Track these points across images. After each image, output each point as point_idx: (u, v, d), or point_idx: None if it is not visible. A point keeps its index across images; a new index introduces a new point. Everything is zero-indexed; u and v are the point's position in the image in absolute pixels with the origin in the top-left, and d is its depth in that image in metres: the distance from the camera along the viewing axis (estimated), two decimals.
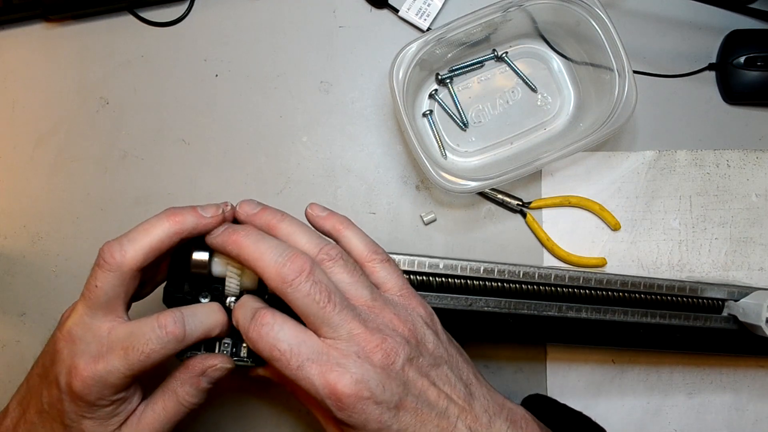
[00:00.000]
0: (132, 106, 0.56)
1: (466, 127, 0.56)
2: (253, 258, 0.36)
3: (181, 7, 0.57)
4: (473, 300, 0.44)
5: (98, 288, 0.36)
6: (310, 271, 0.35)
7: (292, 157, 0.56)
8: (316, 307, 0.34)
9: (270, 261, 0.35)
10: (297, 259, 0.35)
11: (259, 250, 0.36)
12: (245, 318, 0.36)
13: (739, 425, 0.56)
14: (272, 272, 0.35)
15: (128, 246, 0.36)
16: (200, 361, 0.38)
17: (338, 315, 0.35)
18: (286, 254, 0.35)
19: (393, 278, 0.39)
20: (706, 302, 0.50)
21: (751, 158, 0.57)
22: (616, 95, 0.50)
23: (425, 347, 0.37)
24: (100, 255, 0.36)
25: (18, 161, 0.55)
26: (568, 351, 0.55)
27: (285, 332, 0.35)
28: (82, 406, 0.36)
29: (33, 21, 0.56)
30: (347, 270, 0.37)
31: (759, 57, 0.55)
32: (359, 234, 0.41)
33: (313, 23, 0.57)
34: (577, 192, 0.56)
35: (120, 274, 0.36)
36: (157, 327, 0.35)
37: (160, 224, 0.37)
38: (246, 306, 0.37)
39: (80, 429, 0.37)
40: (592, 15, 0.51)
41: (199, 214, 0.38)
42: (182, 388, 0.38)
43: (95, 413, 0.36)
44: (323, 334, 0.35)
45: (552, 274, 0.46)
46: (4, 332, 0.54)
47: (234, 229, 0.37)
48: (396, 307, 0.38)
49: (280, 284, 0.35)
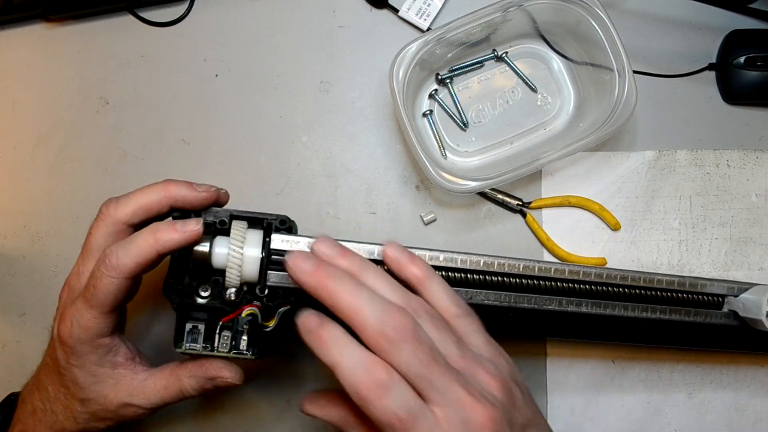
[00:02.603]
0: (132, 106, 0.56)
1: (466, 127, 0.56)
2: (350, 311, 0.34)
3: (181, 7, 0.57)
4: (473, 293, 0.44)
5: (92, 236, 0.40)
6: (414, 329, 0.33)
7: (292, 157, 0.56)
8: (421, 367, 0.33)
9: (370, 316, 0.33)
10: (399, 316, 0.34)
11: (357, 303, 0.34)
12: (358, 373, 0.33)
13: (739, 425, 0.56)
14: (373, 329, 0.33)
15: (123, 201, 0.40)
16: (216, 368, 0.41)
17: (443, 377, 0.33)
18: (387, 311, 0.34)
19: (477, 333, 0.39)
20: (706, 298, 0.50)
21: (751, 158, 0.57)
22: (616, 95, 0.50)
23: (517, 408, 0.36)
24: (100, 209, 0.41)
25: (18, 161, 0.55)
26: (568, 349, 0.55)
27: (404, 396, 0.33)
28: (68, 351, 0.39)
29: (33, 21, 0.56)
30: (435, 326, 0.36)
31: (759, 57, 0.55)
32: (443, 286, 0.40)
33: (313, 23, 0.57)
34: (577, 192, 0.56)
35: (112, 224, 0.40)
36: (99, 263, 0.38)
37: (155, 188, 0.41)
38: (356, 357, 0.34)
39: (73, 378, 0.40)
40: (592, 15, 0.51)
41: (191, 187, 0.41)
42: (188, 380, 0.41)
43: (79, 360, 0.39)
44: (429, 397, 0.33)
45: (552, 268, 0.46)
46: (4, 332, 0.54)
47: (327, 271, 0.35)
48: (485, 363, 0.37)
49: (382, 342, 0.33)
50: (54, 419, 0.41)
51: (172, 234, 0.38)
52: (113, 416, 0.41)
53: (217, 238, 0.41)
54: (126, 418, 0.42)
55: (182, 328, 0.41)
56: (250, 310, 0.40)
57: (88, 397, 0.40)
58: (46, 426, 0.42)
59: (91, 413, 0.41)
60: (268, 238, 0.41)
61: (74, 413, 0.41)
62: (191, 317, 0.41)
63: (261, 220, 0.42)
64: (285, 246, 0.42)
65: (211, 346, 0.41)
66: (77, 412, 0.41)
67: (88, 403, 0.41)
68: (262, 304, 0.41)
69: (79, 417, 0.41)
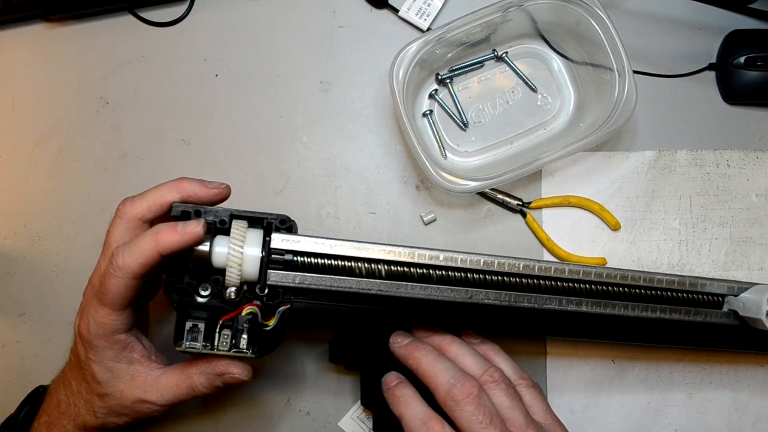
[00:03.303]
0: (132, 106, 0.56)
1: (466, 127, 0.56)
2: (429, 374, 0.42)
3: (181, 7, 0.57)
4: (473, 293, 0.44)
5: (110, 234, 0.42)
6: (477, 394, 0.40)
7: (292, 157, 0.56)
8: (479, 426, 0.39)
9: (443, 380, 0.41)
10: (467, 382, 0.41)
11: (434, 369, 0.42)
12: (417, 424, 0.41)
13: (739, 425, 0.56)
14: (444, 390, 0.41)
15: (138, 199, 0.42)
16: (224, 364, 0.42)
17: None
18: (457, 377, 0.41)
19: (540, 403, 0.44)
20: (706, 297, 0.50)
21: (751, 158, 0.57)
22: (616, 95, 0.50)
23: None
24: (117, 208, 0.43)
25: (18, 161, 0.55)
26: (568, 349, 0.55)
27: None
28: (86, 346, 0.41)
29: (33, 21, 0.56)
30: (508, 394, 0.42)
31: (759, 57, 0.55)
32: (509, 360, 0.46)
33: (313, 23, 0.57)
34: (577, 192, 0.56)
35: (128, 221, 0.42)
36: (108, 263, 0.40)
37: (168, 185, 0.42)
38: (418, 411, 0.42)
39: (92, 373, 0.42)
40: (592, 15, 0.51)
41: (203, 184, 0.43)
42: (198, 377, 0.42)
43: (97, 355, 0.41)
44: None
45: (552, 267, 0.46)
46: (4, 332, 0.54)
47: (417, 345, 0.44)
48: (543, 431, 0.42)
49: (449, 402, 0.40)
50: (77, 413, 0.43)
51: (173, 236, 0.39)
52: (129, 412, 0.43)
53: (217, 238, 0.41)
54: (142, 415, 0.43)
55: (182, 326, 0.41)
56: (251, 309, 0.41)
57: (106, 392, 0.42)
58: (69, 419, 0.43)
59: (109, 408, 0.42)
60: (268, 238, 0.41)
61: (94, 407, 0.43)
62: (191, 316, 0.41)
63: (261, 220, 0.42)
64: (285, 245, 0.42)
65: (211, 345, 0.41)
66: (97, 406, 0.42)
67: (106, 398, 0.42)
68: (262, 303, 0.41)
69: (99, 412, 0.43)
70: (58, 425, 0.44)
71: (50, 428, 0.44)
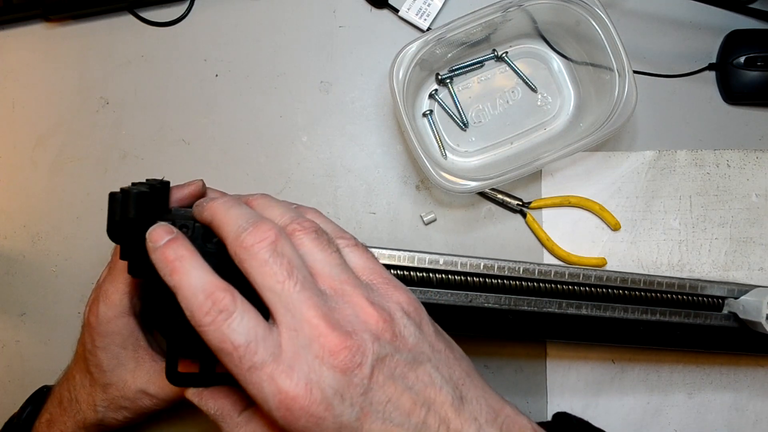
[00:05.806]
0: (132, 106, 0.56)
1: (466, 127, 0.56)
2: (221, 223, 0.33)
3: (181, 7, 0.57)
4: (473, 296, 0.44)
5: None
6: (274, 240, 0.31)
7: (292, 157, 0.56)
8: (273, 280, 0.30)
9: (234, 225, 0.32)
10: (262, 225, 0.31)
11: (228, 215, 0.33)
12: (197, 295, 0.30)
13: (739, 425, 0.56)
14: (232, 236, 0.32)
15: None
16: None
17: (298, 295, 0.30)
18: (252, 221, 0.32)
19: (368, 262, 0.34)
20: (706, 300, 0.50)
21: (751, 158, 0.57)
22: (616, 95, 0.50)
23: (404, 342, 0.32)
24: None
25: (18, 161, 0.55)
26: (568, 350, 0.55)
27: (245, 323, 0.30)
28: (93, 333, 0.42)
29: (33, 21, 0.56)
30: (319, 244, 0.33)
31: (759, 57, 0.55)
32: (331, 223, 0.37)
33: (313, 23, 0.57)
34: (577, 192, 0.56)
35: None
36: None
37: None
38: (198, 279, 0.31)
39: (97, 362, 0.42)
40: (592, 15, 0.51)
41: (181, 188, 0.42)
42: None
43: (104, 341, 0.42)
44: (278, 318, 0.30)
45: (552, 270, 0.46)
46: (4, 332, 0.54)
47: (214, 198, 0.35)
48: (371, 292, 0.33)
49: (239, 250, 0.31)
50: (77, 408, 0.43)
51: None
52: (130, 405, 0.43)
53: None
54: (142, 409, 0.43)
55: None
56: None
57: (109, 381, 0.42)
58: (70, 416, 0.44)
59: (110, 401, 0.42)
60: None
61: (95, 400, 0.43)
62: None
63: None
64: None
65: None
66: (98, 399, 0.43)
67: (109, 388, 0.42)
68: None
69: (99, 405, 0.43)
70: (58, 422, 0.44)
71: (51, 426, 0.44)
